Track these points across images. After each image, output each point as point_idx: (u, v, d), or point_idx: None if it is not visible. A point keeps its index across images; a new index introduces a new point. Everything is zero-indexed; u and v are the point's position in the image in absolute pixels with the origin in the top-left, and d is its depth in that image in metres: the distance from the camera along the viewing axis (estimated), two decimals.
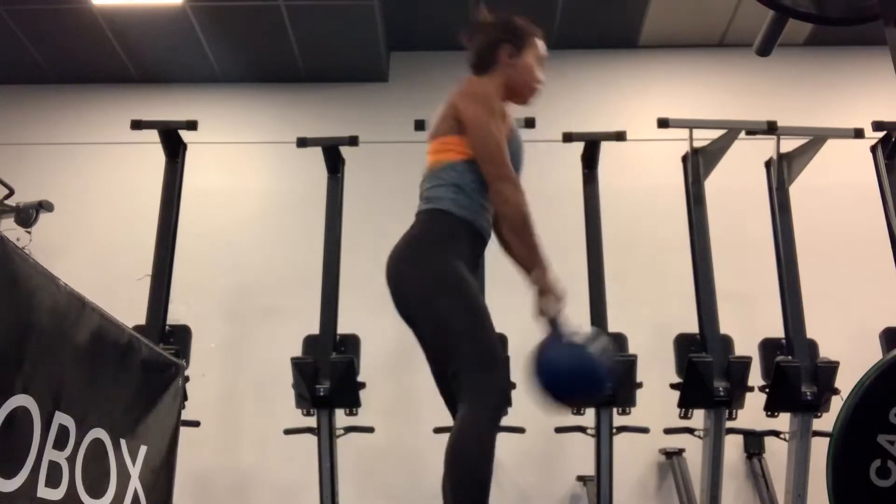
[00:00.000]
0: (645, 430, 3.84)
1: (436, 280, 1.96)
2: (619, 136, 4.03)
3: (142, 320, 3.75)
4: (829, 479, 1.59)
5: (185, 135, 4.13)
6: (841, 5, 1.70)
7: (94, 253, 4.87)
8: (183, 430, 2.58)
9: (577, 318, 4.11)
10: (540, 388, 1.92)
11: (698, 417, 3.75)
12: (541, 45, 2.28)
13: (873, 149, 3.96)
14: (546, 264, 2.02)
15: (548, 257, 2.03)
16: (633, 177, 4.90)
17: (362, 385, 3.78)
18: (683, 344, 3.83)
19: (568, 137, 4.08)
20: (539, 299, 2.00)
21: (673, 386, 3.75)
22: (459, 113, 2.07)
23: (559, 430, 3.88)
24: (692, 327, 3.84)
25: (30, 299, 1.58)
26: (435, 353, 2.00)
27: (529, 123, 4.06)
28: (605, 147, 4.08)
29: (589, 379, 1.93)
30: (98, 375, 1.90)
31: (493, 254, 2.31)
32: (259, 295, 4.86)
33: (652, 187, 4.84)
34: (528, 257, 2.04)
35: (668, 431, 3.90)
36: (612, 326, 3.82)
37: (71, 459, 1.73)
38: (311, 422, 3.76)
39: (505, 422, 3.71)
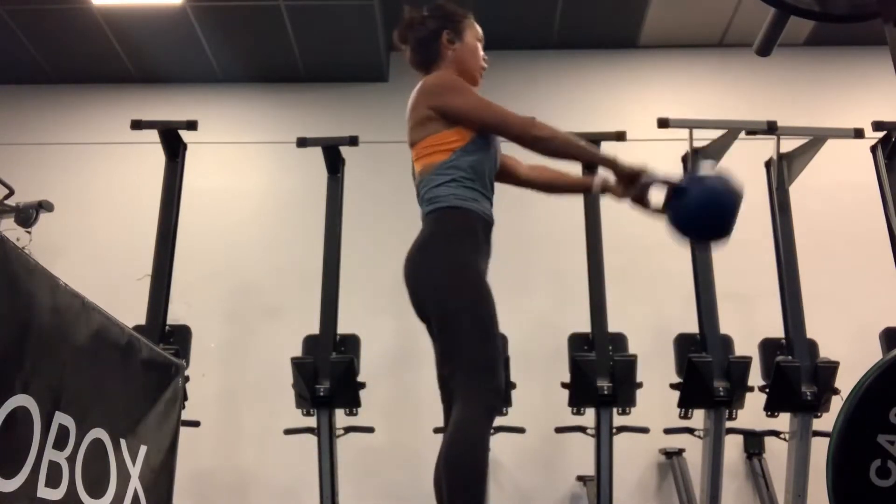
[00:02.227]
0: (645, 430, 3.84)
1: (449, 281, 1.98)
2: (619, 136, 4.03)
3: (142, 320, 3.75)
4: (829, 479, 1.59)
5: (185, 135, 4.12)
6: (842, 2, 1.70)
7: (94, 253, 4.87)
8: (183, 430, 2.58)
9: (577, 318, 4.14)
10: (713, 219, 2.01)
11: (698, 417, 3.75)
12: (476, 24, 2.31)
13: (873, 149, 3.95)
14: (609, 154, 2.12)
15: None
16: None
17: (362, 385, 3.78)
18: (683, 344, 3.83)
19: None
20: (636, 181, 2.06)
21: (673, 386, 3.75)
22: (442, 109, 2.09)
23: (559, 430, 3.88)
24: (692, 327, 3.84)
25: (30, 299, 1.58)
26: (440, 353, 2.00)
27: None
28: (605, 147, 4.08)
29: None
30: (98, 375, 1.90)
31: (493, 252, 2.31)
32: (259, 295, 4.86)
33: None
34: (596, 161, 2.15)
35: (668, 431, 3.90)
36: (612, 326, 3.83)
37: (71, 459, 1.73)
38: (311, 422, 3.76)
39: (505, 422, 3.74)
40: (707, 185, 2.01)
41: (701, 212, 2.01)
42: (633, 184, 2.07)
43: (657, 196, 2.06)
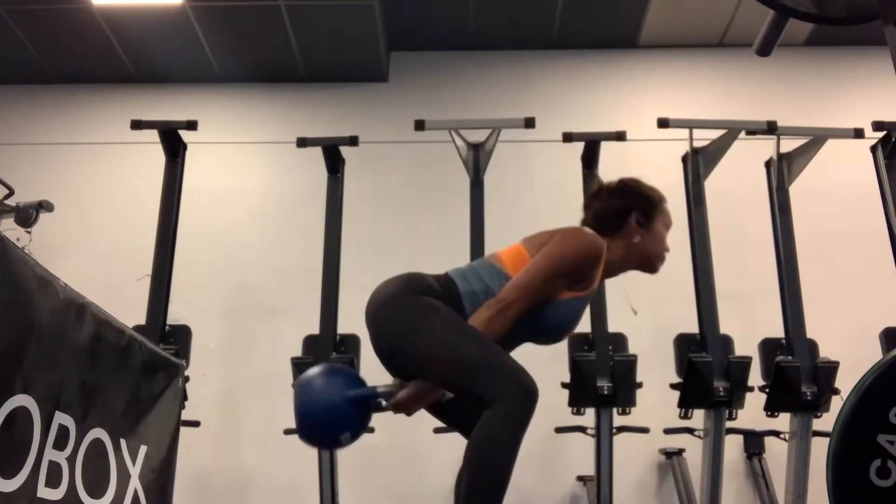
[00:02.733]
0: (645, 430, 3.84)
1: (419, 309, 1.92)
2: (619, 136, 4.02)
3: (142, 320, 3.75)
4: (829, 479, 1.59)
5: (185, 135, 4.12)
6: (841, 5, 1.70)
7: (94, 253, 4.87)
8: (183, 430, 2.58)
9: None
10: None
11: (698, 417, 3.75)
12: (668, 211, 2.20)
13: (873, 149, 3.95)
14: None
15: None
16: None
17: None
18: (683, 344, 3.83)
19: (568, 137, 4.07)
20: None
21: (673, 386, 3.75)
22: (548, 241, 2.01)
23: (559, 430, 3.88)
24: (692, 327, 3.84)
25: (30, 299, 1.58)
26: (440, 382, 1.92)
27: (529, 123, 4.07)
28: (605, 147, 4.08)
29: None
30: (98, 375, 1.90)
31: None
32: (259, 295, 4.86)
33: None
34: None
35: (668, 431, 3.90)
36: (612, 326, 3.83)
37: (71, 459, 1.73)
38: None
39: None
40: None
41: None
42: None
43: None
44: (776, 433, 3.84)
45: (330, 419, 1.95)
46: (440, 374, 1.89)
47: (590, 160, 4.10)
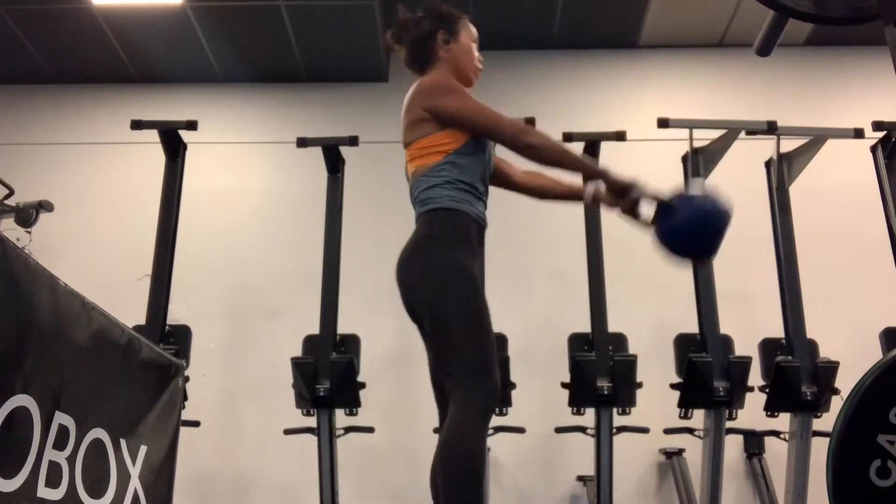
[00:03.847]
0: (645, 430, 3.84)
1: (442, 281, 1.98)
2: (619, 136, 4.03)
3: (142, 320, 3.76)
4: (829, 479, 1.59)
5: (185, 135, 4.13)
6: (841, 5, 1.70)
7: (94, 253, 4.87)
8: (183, 430, 2.58)
9: (577, 318, 4.14)
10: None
11: (698, 417, 3.75)
12: (471, 25, 2.30)
13: (873, 149, 3.95)
14: (600, 166, 2.12)
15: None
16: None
17: (362, 385, 3.78)
18: (683, 344, 3.83)
19: (568, 137, 4.07)
20: (627, 194, 2.05)
21: (673, 386, 3.75)
22: (436, 111, 2.08)
23: (559, 430, 3.88)
24: (692, 327, 3.84)
25: (30, 299, 1.58)
26: (434, 353, 2.01)
27: (529, 123, 4.06)
28: (605, 147, 4.08)
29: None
30: (98, 375, 1.90)
31: (492, 253, 2.32)
32: (259, 295, 4.86)
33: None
34: (587, 172, 2.13)
35: (668, 431, 3.90)
36: (612, 326, 3.83)
37: (71, 459, 1.73)
38: (311, 422, 3.76)
39: (505, 422, 3.74)
40: (695, 205, 2.02)
41: (688, 231, 2.02)
42: (623, 196, 2.06)
43: (647, 210, 2.06)
44: (776, 433, 3.84)
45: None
46: (437, 353, 1.98)
47: None
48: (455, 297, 1.95)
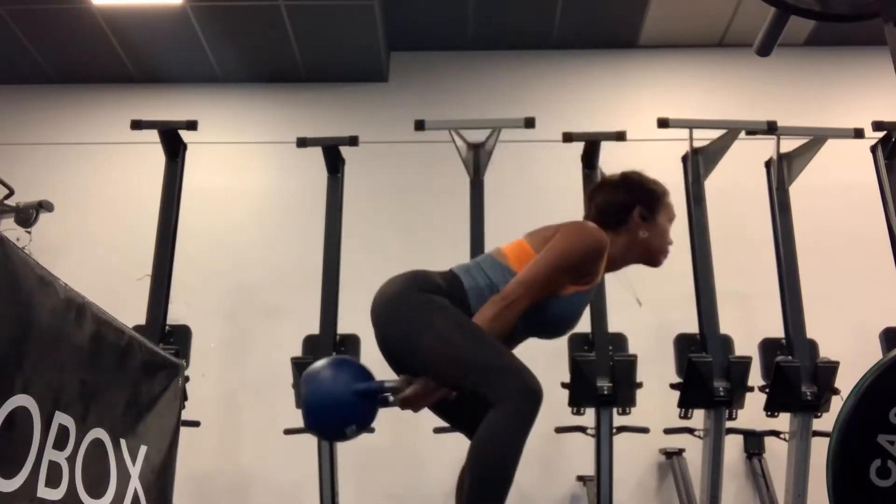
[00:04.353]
0: (645, 430, 3.84)
1: (426, 309, 1.91)
2: (619, 136, 4.02)
3: (142, 320, 3.75)
4: (829, 479, 1.59)
5: (185, 135, 4.12)
6: (842, 2, 1.70)
7: (94, 253, 4.87)
8: (183, 430, 2.58)
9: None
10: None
11: (698, 417, 3.75)
12: (671, 205, 2.20)
13: (873, 149, 3.95)
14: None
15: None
16: None
17: None
18: (683, 344, 3.83)
19: (568, 137, 4.08)
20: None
21: (673, 386, 3.75)
22: (552, 236, 2.01)
23: (559, 430, 3.88)
24: (692, 327, 3.84)
25: (30, 299, 1.58)
26: (445, 378, 1.90)
27: (529, 123, 4.07)
28: (605, 147, 4.08)
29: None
30: (98, 375, 1.90)
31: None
32: (259, 295, 4.86)
33: None
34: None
35: (668, 431, 3.90)
36: (612, 326, 3.82)
37: (71, 459, 1.73)
38: None
39: None
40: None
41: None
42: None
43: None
44: (776, 433, 3.84)
45: (336, 412, 1.93)
46: (445, 373, 1.88)
47: (590, 160, 4.10)
48: (441, 317, 1.89)
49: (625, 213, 2.11)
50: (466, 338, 1.87)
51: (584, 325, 3.86)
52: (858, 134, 3.99)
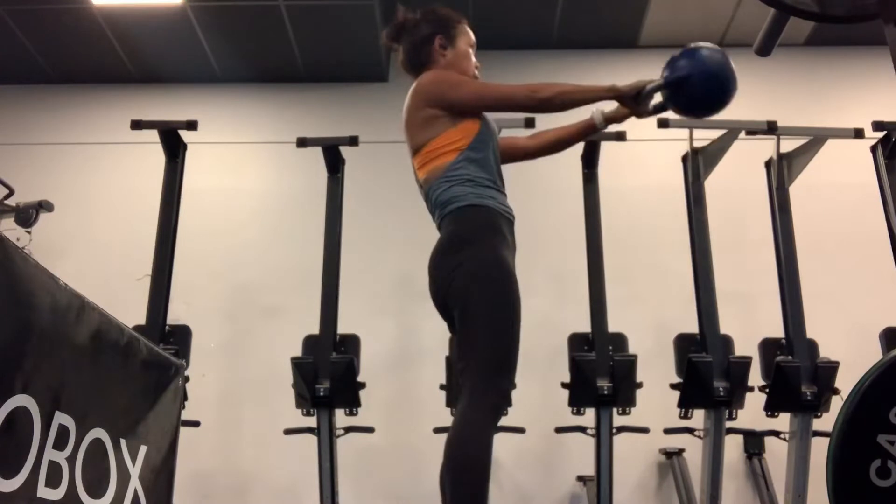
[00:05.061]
0: (645, 430, 3.84)
1: (475, 276, 1.95)
2: (619, 136, 4.02)
3: (142, 320, 3.75)
4: (829, 479, 1.59)
5: (185, 135, 4.12)
6: (842, 3, 1.70)
7: (94, 253, 4.87)
8: (183, 430, 2.57)
9: (577, 318, 4.14)
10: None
11: (698, 417, 3.75)
12: (469, 30, 2.31)
13: (873, 149, 3.95)
14: (606, 86, 2.18)
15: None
16: (633, 177, 4.90)
17: (362, 385, 3.78)
18: (683, 344, 3.83)
19: None
20: (641, 97, 2.19)
21: (673, 386, 3.75)
22: (448, 103, 2.10)
23: (559, 430, 3.88)
24: (692, 327, 3.84)
25: (30, 299, 1.58)
26: (458, 347, 2.01)
27: (529, 123, 4.06)
28: (605, 147, 4.08)
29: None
30: (98, 375, 1.90)
31: None
32: (259, 295, 4.86)
33: (652, 187, 4.84)
34: (601, 97, 2.17)
35: (668, 431, 3.90)
36: (613, 326, 3.83)
37: (71, 459, 1.73)
38: (311, 422, 3.76)
39: (505, 422, 3.70)
40: (706, 66, 2.17)
41: (710, 93, 2.20)
42: (639, 102, 2.16)
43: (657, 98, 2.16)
44: (776, 433, 3.84)
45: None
46: (460, 344, 1.98)
47: (590, 160, 4.11)
48: (486, 294, 1.94)
49: (428, 46, 2.23)
50: (491, 325, 1.92)
51: (584, 324, 3.88)
52: (858, 134, 3.99)
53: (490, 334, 1.91)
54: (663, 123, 3.98)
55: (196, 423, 3.58)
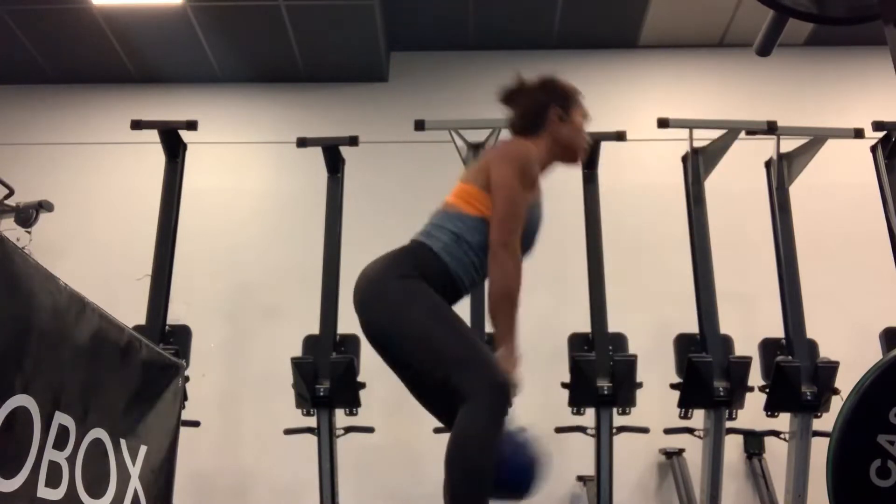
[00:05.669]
0: (645, 430, 3.84)
1: (404, 296, 1.96)
2: (619, 136, 4.03)
3: (142, 320, 3.76)
4: (829, 479, 1.59)
5: (185, 135, 4.13)
6: (841, 5, 1.70)
7: (94, 253, 4.87)
8: (183, 430, 2.57)
9: (577, 318, 4.14)
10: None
11: (698, 417, 3.75)
12: (584, 103, 2.28)
13: (873, 149, 3.96)
14: (514, 347, 2.00)
15: (516, 341, 2.02)
16: (633, 177, 4.90)
17: (362, 385, 3.78)
18: (683, 344, 3.83)
19: None
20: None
21: (673, 386, 3.75)
22: (490, 172, 2.07)
23: (559, 430, 3.88)
24: (692, 327, 3.84)
25: (30, 299, 1.58)
26: (415, 369, 1.98)
27: None
28: (605, 147, 4.08)
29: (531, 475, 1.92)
30: (98, 375, 1.90)
31: None
32: (259, 295, 4.86)
33: (652, 187, 4.84)
34: (500, 332, 2.00)
35: (668, 431, 3.90)
36: (612, 326, 3.83)
37: (71, 459, 1.73)
38: (311, 422, 3.76)
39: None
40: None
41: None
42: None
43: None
44: (776, 433, 3.84)
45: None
46: (422, 362, 1.95)
47: (590, 160, 4.10)
48: (417, 306, 1.94)
49: (542, 115, 2.19)
50: (440, 329, 1.93)
51: (584, 324, 3.88)
52: (858, 134, 3.99)
53: (448, 343, 1.90)
54: (663, 123, 3.99)
55: (196, 423, 3.58)
